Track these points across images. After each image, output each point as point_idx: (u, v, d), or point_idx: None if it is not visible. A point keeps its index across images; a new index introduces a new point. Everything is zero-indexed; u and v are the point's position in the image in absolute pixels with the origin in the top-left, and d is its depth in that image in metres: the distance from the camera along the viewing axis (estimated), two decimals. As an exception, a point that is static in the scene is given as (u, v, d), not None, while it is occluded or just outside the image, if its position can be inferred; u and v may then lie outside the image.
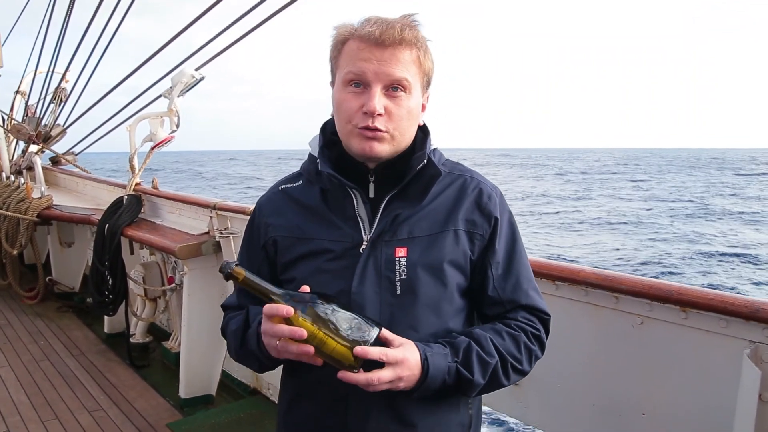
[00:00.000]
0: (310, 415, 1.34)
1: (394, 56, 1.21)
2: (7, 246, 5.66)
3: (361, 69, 1.22)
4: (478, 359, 1.23)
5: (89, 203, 5.59)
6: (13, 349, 4.63)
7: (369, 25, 1.22)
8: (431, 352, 1.21)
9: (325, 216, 1.33)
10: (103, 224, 4.26)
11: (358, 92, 1.23)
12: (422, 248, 1.28)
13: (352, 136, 1.26)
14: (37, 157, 6.46)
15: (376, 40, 1.20)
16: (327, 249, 1.30)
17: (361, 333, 1.14)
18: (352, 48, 1.24)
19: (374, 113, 1.21)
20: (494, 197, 1.35)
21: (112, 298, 4.30)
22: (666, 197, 38.65)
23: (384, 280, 1.27)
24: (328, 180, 1.30)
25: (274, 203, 1.42)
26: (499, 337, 1.29)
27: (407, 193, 1.30)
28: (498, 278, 1.33)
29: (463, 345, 1.24)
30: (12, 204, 5.65)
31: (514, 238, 1.37)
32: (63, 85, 7.11)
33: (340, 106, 1.27)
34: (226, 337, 1.43)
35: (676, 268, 17.37)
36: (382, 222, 1.28)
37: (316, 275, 1.30)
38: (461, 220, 1.31)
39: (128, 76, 5.30)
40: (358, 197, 1.30)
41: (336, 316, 1.15)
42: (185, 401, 3.72)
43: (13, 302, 5.83)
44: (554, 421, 2.07)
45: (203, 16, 4.14)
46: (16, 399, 3.75)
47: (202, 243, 3.64)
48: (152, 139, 4.61)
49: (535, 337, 1.33)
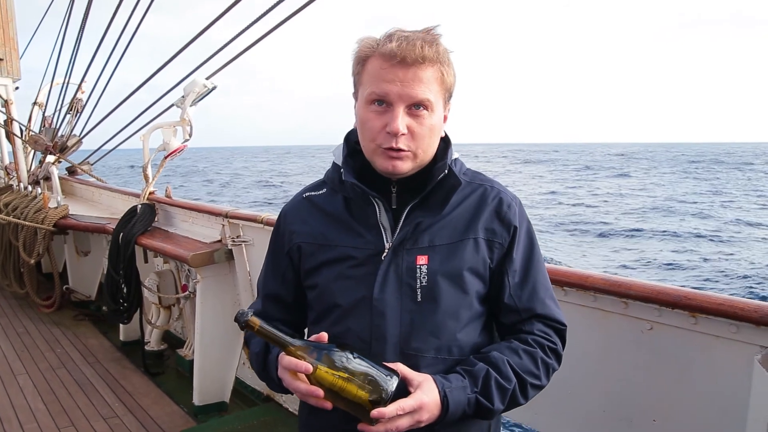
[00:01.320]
0: (330, 422, 1.34)
1: (416, 76, 1.22)
2: (24, 255, 5.74)
3: (383, 90, 1.23)
4: (497, 386, 1.25)
5: (104, 212, 5.65)
6: (30, 356, 4.70)
7: (390, 41, 1.22)
8: (450, 387, 1.22)
9: (349, 224, 1.35)
10: (118, 233, 4.31)
11: (381, 111, 1.25)
12: (443, 256, 1.30)
13: (375, 154, 1.28)
14: (53, 167, 6.55)
15: (399, 59, 1.21)
16: (350, 255, 1.33)
17: (381, 384, 1.15)
18: (375, 66, 1.25)
19: (397, 134, 1.23)
20: (514, 207, 1.37)
21: (127, 307, 4.34)
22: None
23: (405, 287, 1.29)
24: (351, 189, 1.33)
25: (298, 211, 1.45)
26: (516, 357, 1.30)
27: (428, 202, 1.32)
28: (514, 286, 1.35)
29: (482, 374, 1.25)
30: (29, 214, 5.74)
31: (532, 247, 1.39)
32: (79, 96, 7.23)
33: (363, 125, 1.29)
34: (249, 352, 1.46)
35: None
36: (404, 230, 1.30)
37: (339, 281, 1.33)
38: (481, 229, 1.33)
39: (143, 84, 5.36)
40: (380, 206, 1.32)
41: (353, 365, 1.16)
42: (199, 408, 3.75)
43: (31, 311, 5.91)
44: (565, 427, 2.06)
45: (225, 14, 4.08)
46: (34, 406, 3.81)
47: (215, 251, 3.67)
48: (165, 149, 4.66)
49: (552, 350, 1.35)
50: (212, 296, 3.74)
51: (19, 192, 6.86)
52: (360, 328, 1.30)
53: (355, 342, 1.29)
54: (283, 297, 1.46)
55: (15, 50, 7.92)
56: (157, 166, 4.78)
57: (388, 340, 1.29)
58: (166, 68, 5.12)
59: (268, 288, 1.49)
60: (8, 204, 6.37)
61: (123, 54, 5.45)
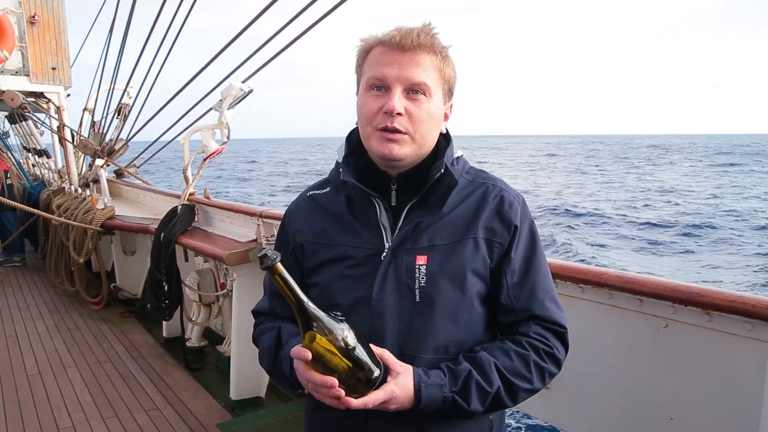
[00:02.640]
0: (332, 419, 1.37)
1: (413, 60, 1.25)
2: (74, 254, 6.01)
3: (382, 73, 1.25)
4: (477, 388, 1.24)
5: (148, 213, 5.87)
6: (79, 350, 4.93)
7: (391, 32, 1.27)
8: (426, 383, 1.22)
9: (350, 223, 1.35)
10: (159, 233, 4.48)
11: (380, 95, 1.26)
12: (442, 256, 1.29)
13: (372, 138, 1.28)
14: (102, 170, 6.82)
15: (397, 44, 1.24)
16: (350, 255, 1.33)
17: (365, 372, 1.18)
18: (375, 54, 1.28)
19: (393, 112, 1.23)
20: (516, 205, 1.35)
21: (168, 304, 4.50)
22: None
23: (404, 287, 1.29)
24: (352, 188, 1.33)
25: (302, 209, 1.46)
26: (506, 359, 1.28)
27: (427, 201, 1.31)
28: (512, 286, 1.33)
29: (464, 374, 1.24)
30: (78, 215, 6.02)
31: (533, 246, 1.36)
32: (126, 100, 7.51)
33: (361, 109, 1.30)
34: (258, 349, 1.47)
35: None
36: (404, 230, 1.30)
37: (339, 281, 1.33)
38: (481, 228, 1.31)
39: (185, 86, 5.49)
40: (380, 205, 1.32)
41: (348, 344, 1.16)
42: (236, 402, 3.86)
43: (81, 307, 6.18)
44: (583, 424, 2.06)
45: (269, 9, 4.10)
46: (81, 398, 4.00)
47: (250, 250, 3.78)
48: (204, 151, 4.80)
49: (548, 354, 1.31)
50: (248, 294, 3.85)
51: (71, 194, 7.20)
52: (359, 328, 1.27)
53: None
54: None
55: (66, 59, 8.28)
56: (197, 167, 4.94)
57: (387, 340, 1.28)
58: (203, 69, 5.23)
59: (275, 286, 1.51)
60: (60, 206, 6.69)
61: (167, 56, 5.57)
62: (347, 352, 1.16)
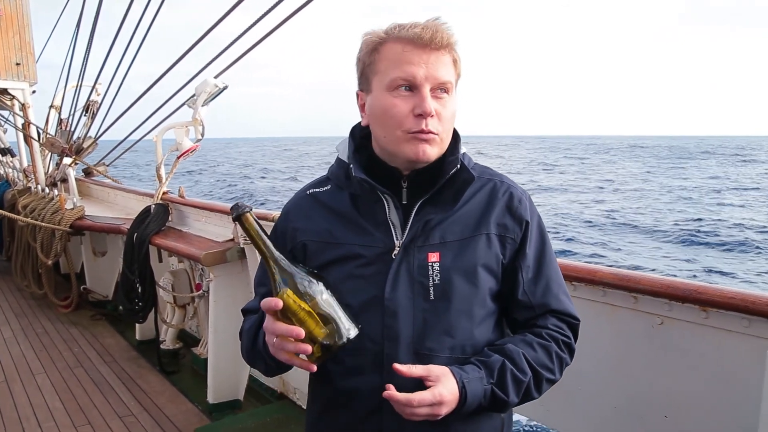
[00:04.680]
0: (343, 425, 1.32)
1: (440, 59, 1.21)
2: (42, 256, 5.82)
3: (410, 73, 1.20)
4: (512, 378, 1.22)
5: (120, 213, 5.72)
6: (48, 356, 4.76)
7: (412, 28, 1.21)
8: (468, 378, 1.19)
9: (356, 221, 1.31)
10: (132, 233, 4.35)
11: (407, 96, 1.21)
12: (455, 253, 1.26)
13: (402, 141, 1.24)
14: (70, 169, 6.63)
15: (426, 42, 1.19)
16: (358, 254, 1.28)
17: (340, 330, 1.14)
18: (395, 51, 1.22)
19: (430, 114, 1.20)
20: (524, 201, 1.34)
21: (142, 306, 4.38)
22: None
23: (417, 285, 1.25)
24: (359, 185, 1.29)
25: (301, 207, 1.40)
26: (531, 350, 1.27)
27: (440, 198, 1.28)
28: (528, 282, 1.32)
29: (498, 365, 1.22)
30: (46, 215, 5.83)
31: (543, 242, 1.36)
32: (94, 98, 7.32)
33: (387, 112, 1.24)
34: (242, 339, 1.43)
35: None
36: (414, 227, 1.27)
37: (348, 281, 1.28)
38: (493, 224, 1.29)
39: (153, 84, 5.40)
40: (389, 202, 1.29)
41: (321, 301, 1.15)
42: (213, 406, 3.77)
43: (49, 311, 5.99)
44: (576, 423, 2.04)
45: (234, 10, 4.08)
46: (51, 405, 3.86)
47: (227, 250, 3.69)
48: (178, 149, 4.69)
49: (566, 344, 1.32)
50: (225, 295, 3.76)
51: (37, 194, 6.97)
52: (371, 329, 1.25)
53: (366, 343, 1.25)
54: None
55: (31, 54, 8.04)
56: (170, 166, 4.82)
57: (401, 340, 1.25)
58: (172, 66, 5.14)
59: (266, 287, 1.43)
60: (26, 206, 6.48)
61: (137, 52, 5.47)
62: (319, 308, 1.13)
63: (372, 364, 1.26)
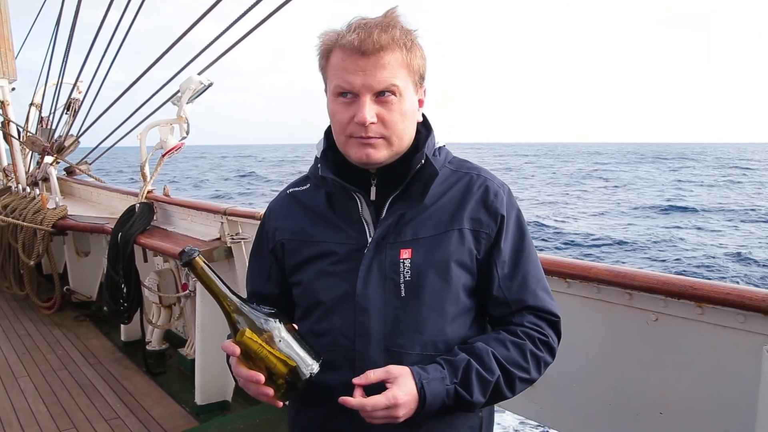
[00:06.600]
0: (318, 419, 1.34)
1: (377, 64, 1.19)
2: (23, 257, 5.71)
3: (347, 81, 1.20)
4: (477, 378, 1.21)
5: (103, 212, 5.62)
6: (31, 358, 4.68)
7: (350, 32, 1.19)
8: (427, 378, 1.18)
9: (331, 219, 1.33)
10: (116, 233, 4.28)
11: (348, 102, 1.22)
12: (427, 249, 1.26)
13: (348, 145, 1.25)
14: (52, 168, 6.50)
15: (358, 49, 1.18)
16: (332, 251, 1.30)
17: (300, 367, 1.15)
18: (337, 59, 1.22)
19: (365, 123, 1.19)
20: (501, 195, 1.32)
21: (127, 306, 4.31)
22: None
23: (389, 282, 1.26)
24: (331, 184, 1.30)
25: (282, 207, 1.43)
26: (502, 348, 1.26)
27: (409, 193, 1.28)
28: (503, 278, 1.30)
29: (463, 364, 1.22)
30: (28, 215, 5.71)
31: (522, 236, 1.34)
32: (75, 95, 7.19)
33: (333, 117, 1.27)
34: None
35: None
36: (386, 223, 1.27)
37: (322, 278, 1.30)
38: (466, 219, 1.28)
39: (132, 84, 5.33)
40: (362, 200, 1.29)
41: (280, 339, 1.16)
42: (201, 408, 3.73)
43: (32, 312, 5.89)
44: (570, 421, 2.03)
45: (211, 11, 4.07)
46: (35, 409, 3.78)
47: (214, 249, 3.64)
48: (162, 147, 4.61)
49: (543, 343, 1.30)
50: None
51: (18, 194, 6.83)
52: (343, 325, 1.27)
53: (339, 339, 1.27)
54: (269, 294, 1.43)
55: (10, 50, 7.86)
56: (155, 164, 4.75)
57: (372, 336, 1.25)
58: (151, 66, 5.08)
59: (254, 286, 1.47)
60: (7, 206, 6.35)
61: (117, 52, 5.41)
62: (277, 347, 1.14)
63: (344, 360, 1.27)
